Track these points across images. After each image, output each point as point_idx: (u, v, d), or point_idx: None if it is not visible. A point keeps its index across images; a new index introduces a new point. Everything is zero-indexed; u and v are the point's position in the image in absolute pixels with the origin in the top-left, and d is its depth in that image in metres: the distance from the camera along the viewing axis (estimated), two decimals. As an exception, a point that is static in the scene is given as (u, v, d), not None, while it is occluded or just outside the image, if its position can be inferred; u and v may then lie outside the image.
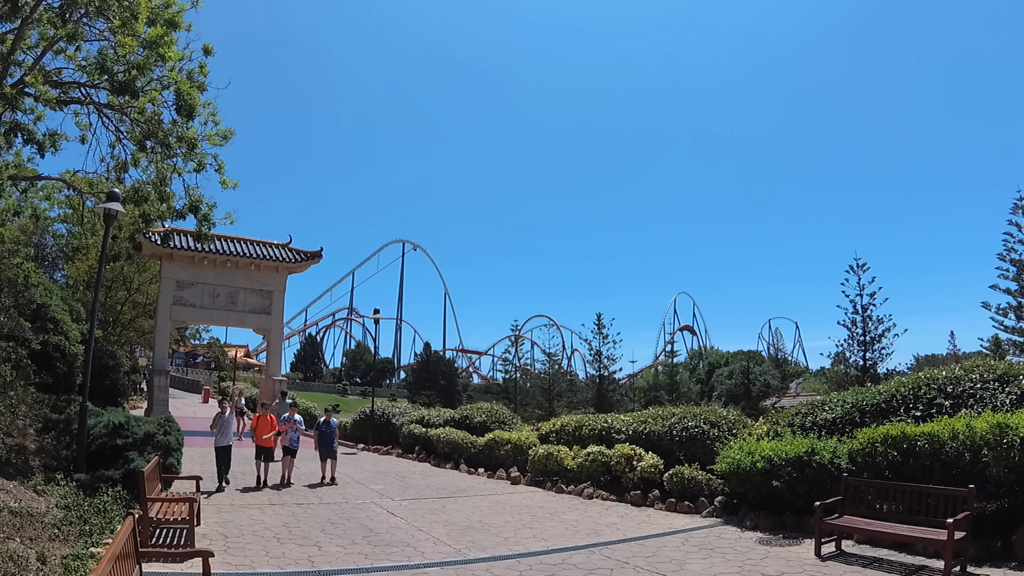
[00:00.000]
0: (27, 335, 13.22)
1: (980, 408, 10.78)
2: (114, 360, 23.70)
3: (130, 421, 12.94)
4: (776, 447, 11.83)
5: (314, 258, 37.78)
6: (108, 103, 14.46)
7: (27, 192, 15.88)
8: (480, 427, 23.48)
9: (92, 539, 8.67)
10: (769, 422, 14.53)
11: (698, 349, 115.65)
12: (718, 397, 57.79)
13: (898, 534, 9.28)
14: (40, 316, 15.24)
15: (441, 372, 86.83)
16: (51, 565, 7.09)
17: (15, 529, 7.76)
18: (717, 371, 73.49)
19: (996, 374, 11.53)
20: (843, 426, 12.56)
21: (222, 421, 16.14)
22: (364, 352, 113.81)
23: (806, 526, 10.82)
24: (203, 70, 14.75)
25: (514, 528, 12.15)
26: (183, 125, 14.61)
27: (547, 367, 50.74)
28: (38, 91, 12.61)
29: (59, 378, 15.59)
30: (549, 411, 40.09)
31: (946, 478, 9.74)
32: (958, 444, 9.64)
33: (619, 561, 9.66)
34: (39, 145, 14.46)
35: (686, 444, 15.44)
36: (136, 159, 15.06)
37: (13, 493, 9.40)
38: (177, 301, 34.39)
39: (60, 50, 13.91)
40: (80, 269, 36.27)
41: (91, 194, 15.46)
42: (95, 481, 11.21)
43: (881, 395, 12.59)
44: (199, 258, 34.23)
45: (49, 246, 41.62)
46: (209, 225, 15.93)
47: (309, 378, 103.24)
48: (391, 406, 34.58)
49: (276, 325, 37.54)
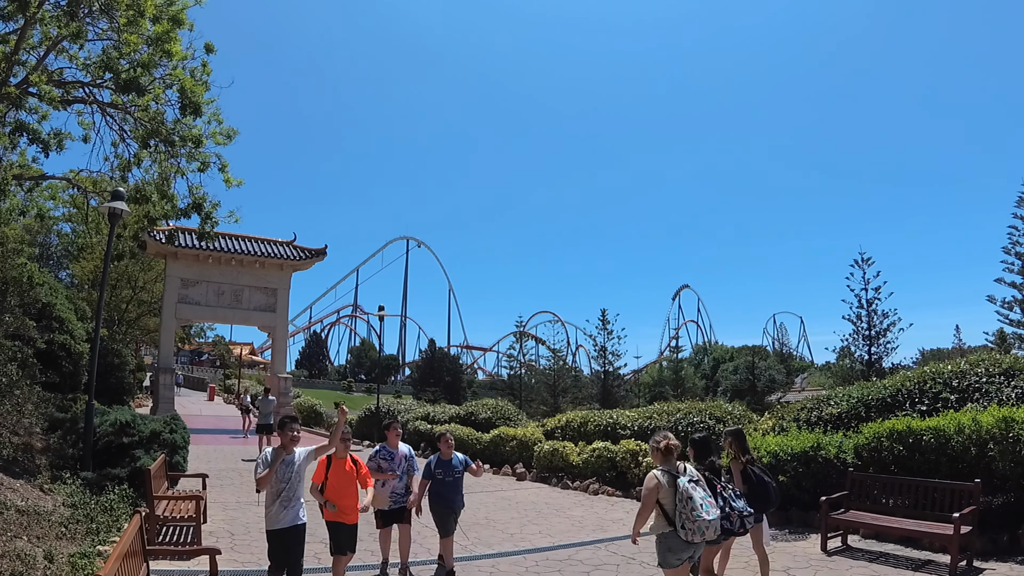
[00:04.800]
0: (32, 334, 13.25)
1: (986, 402, 10.76)
2: (119, 358, 23.74)
3: (136, 419, 12.97)
4: (782, 442, 11.82)
5: (318, 255, 37.81)
6: (112, 102, 14.48)
7: (32, 192, 15.90)
8: (485, 423, 23.54)
9: (99, 537, 8.69)
10: (774, 417, 14.51)
11: (703, 344, 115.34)
12: (723, 392, 57.72)
13: (904, 529, 9.27)
14: (45, 315, 15.27)
15: (446, 369, 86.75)
16: (58, 563, 7.11)
17: (22, 528, 7.78)
18: (722, 366, 73.37)
19: (1002, 368, 11.51)
20: (848, 421, 12.54)
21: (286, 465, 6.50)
22: (369, 349, 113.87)
23: (812, 521, 10.80)
24: (206, 68, 14.77)
25: (520, 524, 12.17)
26: (186, 124, 14.63)
27: (552, 363, 50.72)
28: (42, 91, 12.63)
29: (65, 377, 15.61)
30: (554, 407, 40.04)
31: (952, 472, 9.73)
32: (964, 438, 9.63)
33: (625, 557, 9.67)
34: (44, 145, 14.47)
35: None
36: (139, 158, 15.07)
37: (20, 492, 9.43)
38: (182, 299, 34.45)
39: (63, 50, 13.94)
40: (85, 268, 36.31)
41: (95, 193, 15.48)
42: (102, 479, 11.23)
43: (886, 389, 12.58)
44: (204, 256, 34.29)
45: (54, 245, 41.71)
46: (213, 224, 15.92)
47: (314, 375, 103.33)
48: (396, 403, 34.73)
49: (281, 323, 37.58)
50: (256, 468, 6.43)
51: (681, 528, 5.78)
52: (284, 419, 6.55)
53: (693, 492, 5.84)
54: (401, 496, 8.59)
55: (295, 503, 6.43)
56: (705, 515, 5.77)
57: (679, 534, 5.79)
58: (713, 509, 5.95)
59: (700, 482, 6.09)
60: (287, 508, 6.36)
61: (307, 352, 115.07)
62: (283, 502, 6.35)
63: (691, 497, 5.79)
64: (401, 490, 8.61)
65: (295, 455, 6.46)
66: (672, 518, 5.85)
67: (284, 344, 38.62)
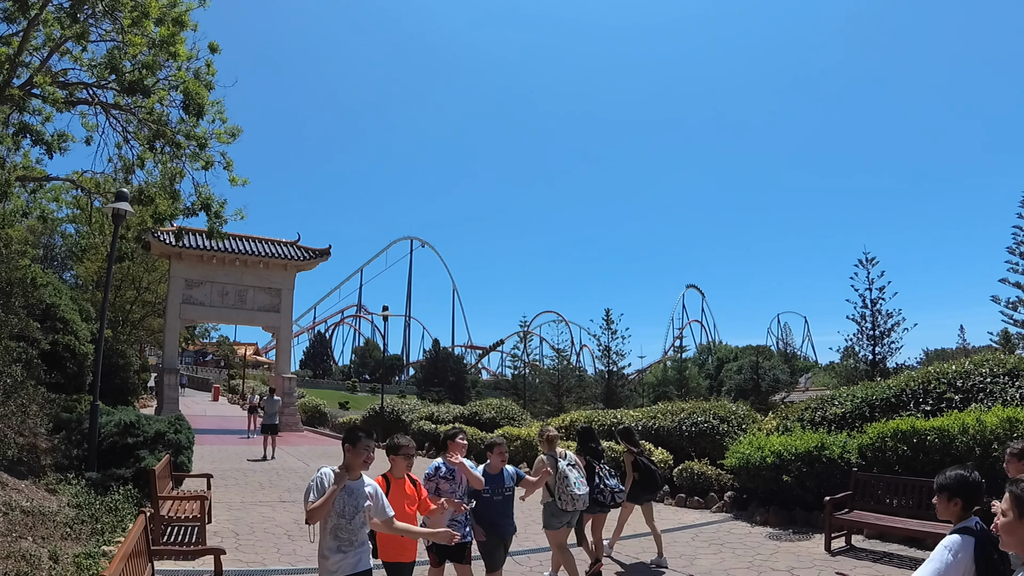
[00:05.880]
0: (37, 335, 13.27)
1: (990, 402, 10.74)
2: (124, 359, 23.75)
3: (141, 420, 12.99)
4: (786, 442, 11.81)
5: (322, 256, 37.86)
6: (115, 103, 14.49)
7: (35, 193, 15.93)
8: (490, 423, 23.55)
9: (104, 537, 8.71)
10: (778, 417, 14.49)
11: (707, 344, 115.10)
12: (727, 392, 57.59)
13: (908, 529, 9.26)
14: (50, 316, 15.30)
15: (450, 369, 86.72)
16: (63, 564, 7.13)
17: (27, 528, 7.80)
18: (726, 366, 73.18)
19: (1006, 368, 11.48)
20: (853, 421, 12.52)
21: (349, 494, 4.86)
22: (373, 349, 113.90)
23: (816, 521, 10.79)
24: (210, 69, 14.77)
25: (523, 524, 12.11)
26: (191, 124, 14.65)
27: (556, 363, 50.69)
28: (45, 92, 12.66)
29: (69, 378, 15.64)
30: (558, 407, 40.01)
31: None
32: (968, 438, 9.62)
33: (629, 556, 9.68)
34: (47, 146, 14.49)
35: (696, 439, 15.42)
36: (143, 159, 15.09)
37: (25, 492, 9.45)
38: (186, 300, 34.53)
39: (66, 51, 13.95)
40: (89, 269, 36.43)
41: (99, 194, 15.51)
42: (106, 480, 11.26)
43: (891, 389, 12.55)
44: (208, 257, 34.37)
45: (58, 246, 41.84)
46: (221, 222, 15.93)
47: (318, 375, 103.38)
48: (400, 403, 34.76)
49: (285, 323, 37.66)
50: (307, 493, 4.66)
51: (559, 499, 7.50)
52: (357, 433, 4.93)
53: (569, 473, 7.54)
54: (462, 526, 6.41)
55: (359, 547, 4.80)
56: (576, 490, 7.46)
57: (557, 504, 7.53)
58: (584, 486, 7.61)
59: (576, 465, 7.77)
60: (347, 553, 4.72)
61: (311, 352, 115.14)
62: (342, 544, 4.70)
63: (567, 476, 7.51)
64: (462, 519, 6.49)
65: (362, 481, 4.90)
66: (553, 491, 7.58)
67: (288, 344, 38.70)
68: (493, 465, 6.88)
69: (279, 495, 14.77)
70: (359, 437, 4.88)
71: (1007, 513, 2.93)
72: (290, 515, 12.42)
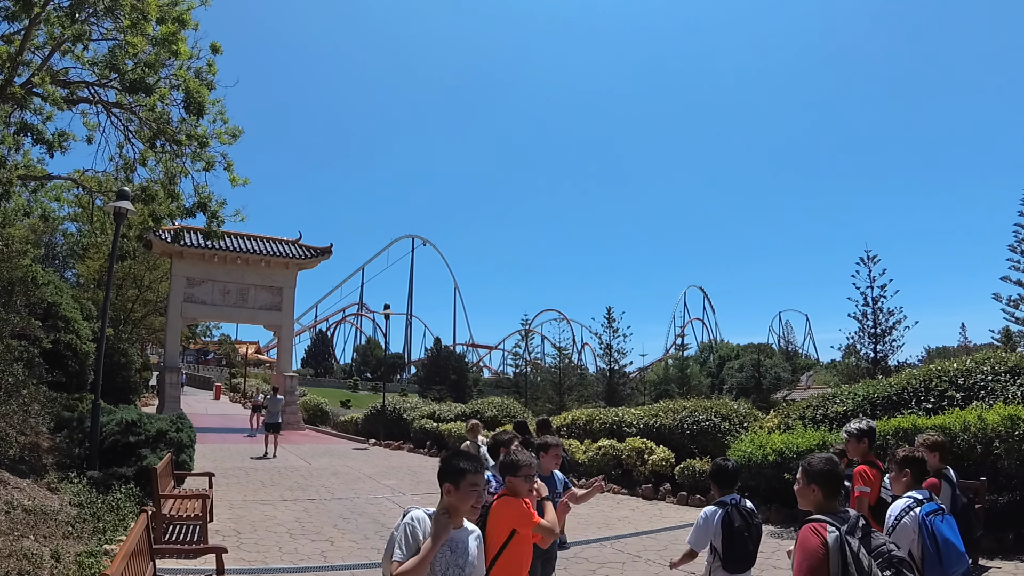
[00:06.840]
0: (38, 334, 13.28)
1: (992, 400, 10.71)
2: (125, 358, 23.85)
3: (142, 418, 13.00)
4: (787, 440, 11.80)
5: (324, 254, 37.89)
6: (117, 102, 14.50)
7: (36, 192, 15.94)
8: (491, 421, 23.52)
9: (106, 536, 8.72)
10: (780, 415, 14.48)
11: (708, 342, 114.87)
12: (729, 390, 57.44)
13: (909, 527, 9.24)
14: (51, 315, 15.32)
15: (452, 367, 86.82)
16: (65, 562, 7.14)
17: (29, 527, 7.81)
18: (728, 364, 73.00)
19: (1008, 366, 11.44)
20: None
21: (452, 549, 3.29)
22: (374, 347, 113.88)
23: (817, 519, 10.77)
24: (211, 68, 14.77)
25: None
26: (192, 123, 14.66)
27: (557, 361, 50.68)
28: (46, 91, 12.66)
29: (71, 376, 15.67)
30: (560, 405, 39.99)
31: (957, 471, 9.68)
32: (969, 436, 9.59)
33: (631, 555, 9.66)
34: (48, 145, 14.49)
35: (697, 437, 15.43)
36: (144, 158, 15.09)
37: (27, 491, 9.47)
38: (188, 298, 34.58)
39: (67, 50, 13.95)
40: (91, 268, 36.43)
41: (100, 193, 15.51)
42: (108, 478, 11.26)
43: (892, 387, 12.52)
44: (209, 255, 34.40)
45: (60, 245, 41.81)
46: (219, 223, 15.95)
47: (320, 374, 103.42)
48: (402, 401, 34.78)
49: (286, 321, 37.71)
50: (390, 546, 3.19)
51: None
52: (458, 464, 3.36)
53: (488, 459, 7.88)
54: None
55: None
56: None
57: None
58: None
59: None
60: None
61: (313, 351, 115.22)
62: None
63: (486, 457, 8.08)
64: None
65: (465, 530, 3.41)
66: None
67: (290, 343, 38.76)
68: (545, 468, 5.98)
69: (281, 493, 14.78)
70: (463, 471, 3.32)
71: (799, 481, 3.77)
72: (292, 513, 12.43)
